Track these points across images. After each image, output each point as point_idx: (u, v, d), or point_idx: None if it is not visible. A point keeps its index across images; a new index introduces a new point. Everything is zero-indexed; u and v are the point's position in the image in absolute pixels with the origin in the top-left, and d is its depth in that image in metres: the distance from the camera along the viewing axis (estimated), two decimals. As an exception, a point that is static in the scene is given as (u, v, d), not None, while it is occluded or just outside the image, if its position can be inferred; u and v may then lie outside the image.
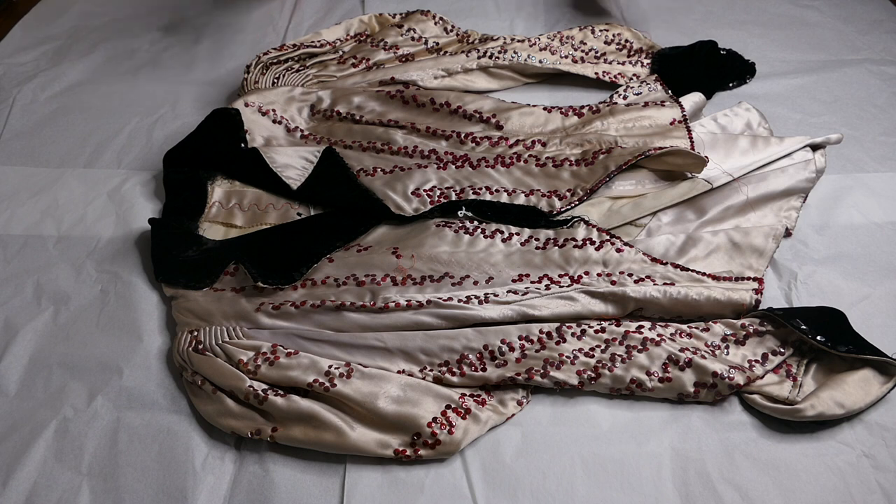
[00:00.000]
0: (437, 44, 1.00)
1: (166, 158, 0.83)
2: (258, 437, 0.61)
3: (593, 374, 0.63)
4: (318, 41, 0.98)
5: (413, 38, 1.00)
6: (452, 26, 1.04)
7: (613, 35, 1.03)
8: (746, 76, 0.97)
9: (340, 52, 0.98)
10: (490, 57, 0.96)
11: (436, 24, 1.03)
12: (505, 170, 0.81)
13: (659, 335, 0.65)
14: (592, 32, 1.03)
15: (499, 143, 0.85)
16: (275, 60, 0.94)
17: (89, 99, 0.97)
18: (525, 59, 0.96)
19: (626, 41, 1.02)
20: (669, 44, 1.01)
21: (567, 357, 0.64)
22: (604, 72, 0.97)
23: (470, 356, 0.65)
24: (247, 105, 0.88)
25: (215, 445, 0.62)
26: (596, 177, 0.78)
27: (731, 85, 0.96)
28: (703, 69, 0.96)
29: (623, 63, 0.99)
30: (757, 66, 0.98)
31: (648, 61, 0.99)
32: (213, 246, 0.75)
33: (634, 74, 0.97)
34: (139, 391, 0.65)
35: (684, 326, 0.67)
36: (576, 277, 0.70)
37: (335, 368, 0.63)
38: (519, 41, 0.99)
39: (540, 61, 0.97)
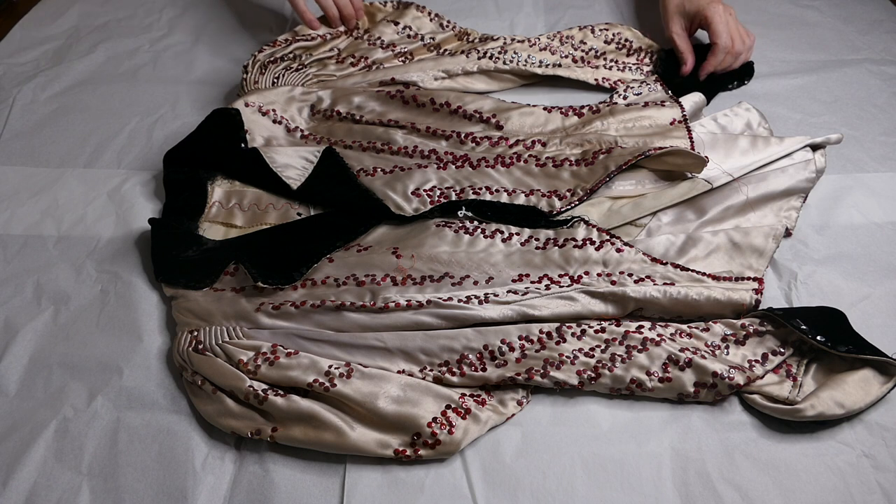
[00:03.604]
0: (434, 39, 1.00)
1: (166, 158, 0.83)
2: (258, 437, 0.61)
3: (593, 374, 0.63)
4: (310, 34, 0.98)
5: (409, 36, 1.00)
6: (448, 22, 1.04)
7: (613, 34, 1.03)
8: (746, 76, 0.97)
9: (336, 51, 0.98)
10: (490, 58, 0.96)
11: (431, 20, 1.03)
12: (505, 170, 0.81)
13: (659, 335, 0.65)
14: (592, 32, 1.03)
15: (499, 143, 0.85)
16: (272, 59, 0.94)
17: (89, 99, 0.97)
18: (525, 60, 0.96)
19: (626, 41, 1.02)
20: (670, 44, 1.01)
21: (567, 357, 0.64)
22: (603, 78, 0.96)
23: (470, 356, 0.65)
24: (247, 105, 0.88)
25: (215, 445, 0.62)
26: (596, 177, 0.78)
27: (731, 85, 0.96)
28: (703, 69, 0.96)
29: (623, 63, 0.99)
30: (757, 66, 0.98)
31: (648, 61, 0.99)
32: (213, 246, 0.75)
33: (635, 75, 0.97)
34: (139, 391, 0.65)
35: (684, 326, 0.67)
36: (576, 277, 0.70)
37: (335, 368, 0.63)
38: (519, 41, 0.99)
39: (540, 61, 0.97)
